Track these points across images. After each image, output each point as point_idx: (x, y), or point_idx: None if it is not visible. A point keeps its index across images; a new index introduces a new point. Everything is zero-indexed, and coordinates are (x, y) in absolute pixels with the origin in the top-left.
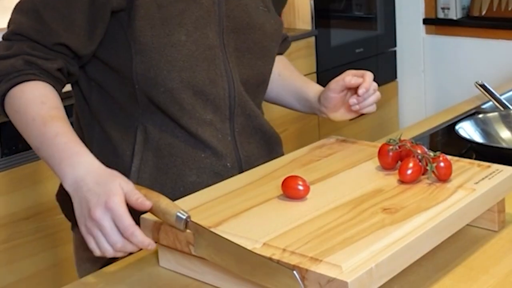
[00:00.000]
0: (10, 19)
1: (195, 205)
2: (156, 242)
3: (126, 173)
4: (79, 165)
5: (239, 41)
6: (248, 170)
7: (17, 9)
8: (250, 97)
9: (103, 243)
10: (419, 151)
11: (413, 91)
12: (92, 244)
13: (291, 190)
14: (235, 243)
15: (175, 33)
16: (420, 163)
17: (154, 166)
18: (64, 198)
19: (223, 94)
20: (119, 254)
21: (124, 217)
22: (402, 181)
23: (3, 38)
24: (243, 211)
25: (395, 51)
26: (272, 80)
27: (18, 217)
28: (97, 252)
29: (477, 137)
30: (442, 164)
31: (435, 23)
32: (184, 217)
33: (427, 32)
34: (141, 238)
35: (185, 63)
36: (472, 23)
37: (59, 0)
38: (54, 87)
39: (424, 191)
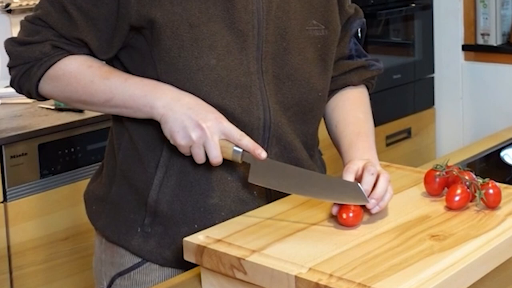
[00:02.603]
0: (39, 3)
1: (239, 229)
2: (198, 265)
3: (147, 184)
4: (168, 90)
5: (278, 67)
6: (277, 200)
7: None
8: (294, 127)
9: (202, 154)
10: (467, 178)
11: (451, 118)
12: (194, 150)
13: (345, 218)
14: (295, 167)
15: (204, 56)
16: (468, 190)
17: (177, 182)
18: (90, 197)
19: (257, 124)
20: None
21: (235, 129)
22: (449, 208)
23: (27, 19)
24: (288, 235)
25: (433, 78)
26: (328, 126)
27: (56, 238)
28: (201, 160)
29: None
30: (491, 191)
31: (475, 49)
32: (240, 150)
33: (466, 58)
34: (252, 144)
35: (212, 88)
36: None
37: (86, 1)
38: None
39: (473, 218)
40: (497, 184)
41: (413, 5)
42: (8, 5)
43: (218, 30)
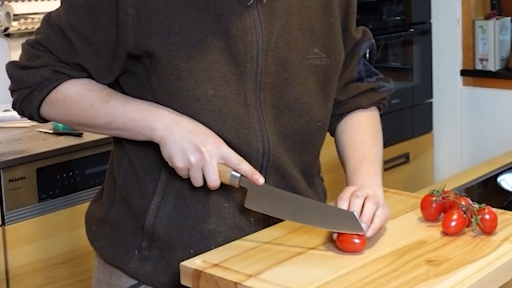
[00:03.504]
0: (40, 27)
1: (236, 253)
2: None
3: (145, 208)
4: (168, 113)
5: (277, 98)
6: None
7: (46, 20)
8: (292, 156)
9: (200, 177)
10: (463, 203)
11: (449, 143)
12: (192, 173)
13: (348, 244)
14: (292, 194)
15: (201, 86)
16: (464, 215)
17: (174, 207)
18: (90, 218)
19: (255, 155)
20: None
21: (233, 153)
22: (445, 233)
23: (28, 43)
24: (284, 260)
25: (431, 103)
26: (337, 150)
27: (55, 262)
28: (199, 183)
29: None
30: (487, 216)
31: (473, 74)
32: (238, 175)
33: (465, 83)
34: (250, 169)
35: (209, 119)
36: (511, 75)
37: (85, 27)
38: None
39: (469, 243)
40: (493, 209)
41: (412, 30)
42: (6, 29)
43: (216, 61)
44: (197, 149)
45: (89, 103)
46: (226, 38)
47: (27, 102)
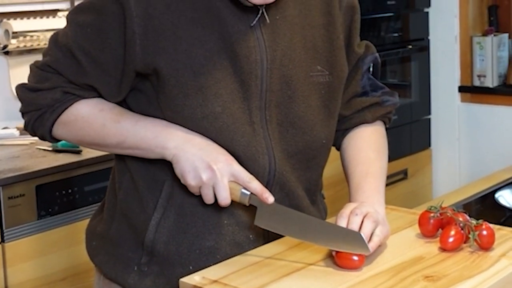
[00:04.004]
0: (48, 48)
1: (235, 269)
2: None
3: (145, 224)
4: (179, 131)
5: (282, 116)
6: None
7: (54, 41)
8: (297, 173)
9: (211, 194)
10: (461, 219)
11: (447, 159)
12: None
13: (346, 261)
14: (301, 213)
15: (208, 104)
16: (462, 231)
17: (174, 223)
18: (90, 232)
19: (262, 172)
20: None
21: (244, 171)
22: (443, 249)
23: (37, 66)
24: (284, 275)
25: (429, 119)
26: (342, 165)
27: (54, 279)
28: (210, 200)
29: None
30: (485, 232)
31: (471, 91)
32: (248, 193)
33: (463, 100)
34: (260, 188)
35: (217, 136)
36: (509, 91)
37: (94, 47)
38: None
39: (466, 259)
40: (491, 225)
41: (410, 47)
42: (5, 46)
43: (223, 78)
44: (209, 167)
45: (100, 123)
46: (231, 57)
47: (39, 124)
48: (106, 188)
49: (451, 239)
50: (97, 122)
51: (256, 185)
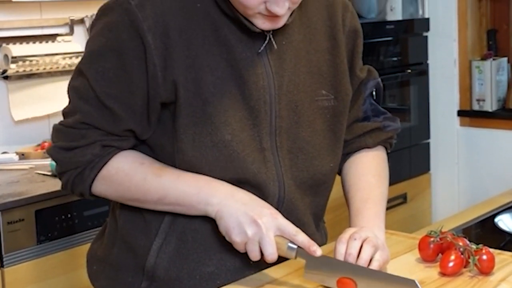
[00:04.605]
0: (71, 105)
1: None
2: None
3: (146, 249)
4: (222, 186)
5: (291, 142)
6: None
7: (77, 96)
8: (307, 199)
9: (257, 250)
10: (461, 244)
11: (446, 183)
12: (249, 247)
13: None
14: (350, 263)
15: (218, 132)
16: (462, 256)
17: (175, 249)
18: (91, 257)
19: (271, 200)
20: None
21: (290, 224)
22: (443, 274)
23: (67, 126)
24: None
25: (428, 143)
26: (343, 189)
27: None
28: (256, 257)
29: None
30: (484, 257)
31: (470, 115)
32: (295, 247)
33: (462, 124)
34: (307, 240)
35: (228, 163)
36: (508, 115)
37: (120, 90)
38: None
39: (466, 284)
40: (491, 250)
41: (409, 71)
42: (5, 71)
43: (231, 106)
44: (254, 222)
45: (141, 178)
46: (239, 84)
47: (79, 181)
48: (105, 213)
49: (451, 264)
50: (138, 176)
51: (303, 238)
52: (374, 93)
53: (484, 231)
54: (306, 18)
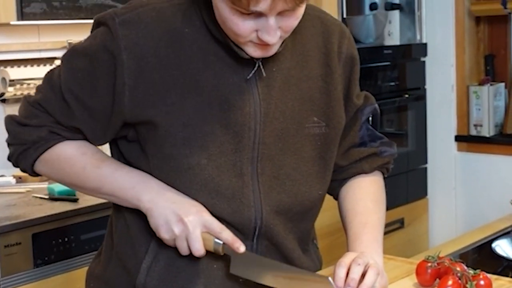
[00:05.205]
0: (41, 86)
1: None
2: None
3: (137, 267)
4: (154, 184)
5: (276, 168)
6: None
7: (48, 79)
8: (291, 224)
9: (186, 247)
10: (458, 269)
11: (444, 208)
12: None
13: None
14: (272, 260)
15: (194, 155)
16: (459, 281)
17: (164, 267)
18: (90, 274)
19: (248, 225)
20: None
21: (215, 222)
22: None
23: (28, 101)
24: None
25: (426, 168)
26: (340, 215)
27: None
28: (185, 252)
29: None
30: (482, 282)
31: (467, 140)
32: (221, 243)
33: (459, 149)
34: (231, 237)
35: (202, 187)
36: (506, 140)
37: (82, 92)
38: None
39: None
40: (488, 275)
41: (407, 96)
42: (2, 94)
43: (211, 131)
44: (180, 220)
45: (81, 166)
46: (224, 108)
47: (23, 157)
48: (102, 237)
49: None
50: (78, 165)
51: (227, 235)
52: (370, 118)
53: (482, 256)
54: (300, 45)
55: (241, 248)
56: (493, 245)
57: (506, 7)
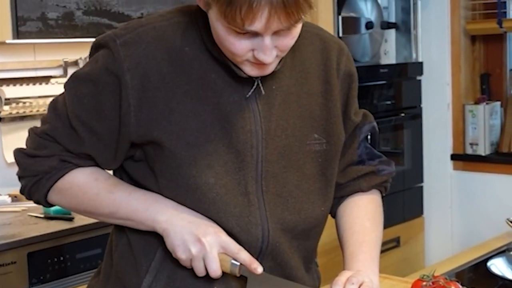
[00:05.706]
0: (47, 116)
1: None
2: None
3: (137, 286)
4: (170, 204)
5: (279, 186)
6: None
7: (53, 108)
8: (296, 243)
9: (202, 267)
10: None
11: (440, 227)
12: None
13: None
14: (289, 281)
15: (202, 175)
16: None
17: (164, 287)
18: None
19: (255, 243)
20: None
21: (233, 242)
22: None
23: (35, 132)
24: None
25: (422, 187)
26: (337, 233)
27: None
28: (201, 273)
29: (509, 274)
30: None
31: (463, 159)
32: (238, 264)
33: (455, 168)
34: (249, 258)
35: (210, 206)
36: (501, 159)
37: (89, 117)
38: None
39: None
40: None
41: (403, 114)
42: None
43: (215, 150)
44: (198, 240)
45: (94, 193)
46: (226, 127)
47: (35, 189)
48: (98, 256)
49: None
50: (91, 191)
51: (244, 256)
52: (369, 137)
53: (477, 275)
54: (299, 62)
55: (258, 269)
56: (489, 264)
57: (501, 26)
